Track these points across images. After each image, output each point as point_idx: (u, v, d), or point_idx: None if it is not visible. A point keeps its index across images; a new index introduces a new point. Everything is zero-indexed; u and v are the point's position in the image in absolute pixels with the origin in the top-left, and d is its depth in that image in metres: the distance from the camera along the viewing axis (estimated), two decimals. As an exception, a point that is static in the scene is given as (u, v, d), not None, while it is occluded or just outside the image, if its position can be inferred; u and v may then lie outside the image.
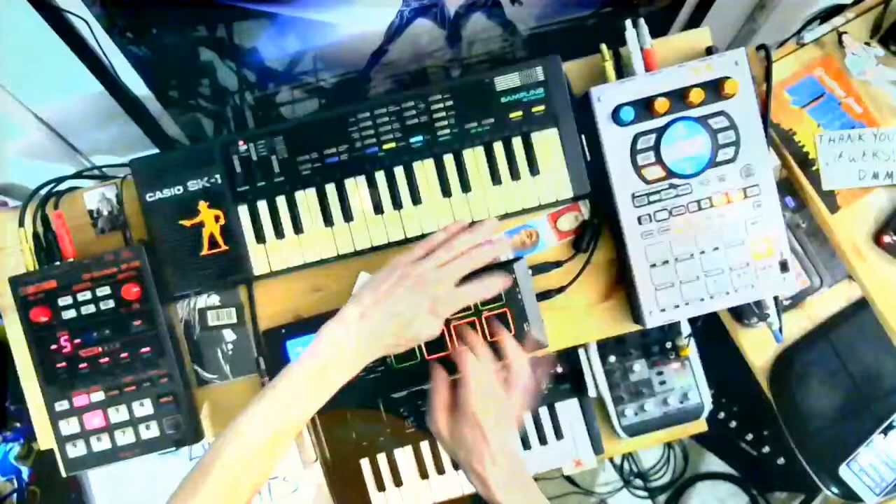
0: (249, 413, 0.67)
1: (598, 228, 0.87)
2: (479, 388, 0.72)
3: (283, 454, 0.70)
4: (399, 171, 0.84)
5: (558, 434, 1.07)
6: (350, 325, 0.70)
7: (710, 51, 0.85)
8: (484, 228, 0.76)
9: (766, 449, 1.45)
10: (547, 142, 0.84)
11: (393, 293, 0.70)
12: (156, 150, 1.11)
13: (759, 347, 1.11)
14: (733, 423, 1.46)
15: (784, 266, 0.82)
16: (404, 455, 1.05)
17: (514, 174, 0.84)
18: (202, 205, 0.83)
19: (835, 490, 1.09)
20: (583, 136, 0.84)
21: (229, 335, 0.88)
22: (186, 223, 0.83)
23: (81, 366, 0.81)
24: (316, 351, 0.69)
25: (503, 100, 0.83)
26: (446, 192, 0.84)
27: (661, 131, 0.81)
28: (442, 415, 0.73)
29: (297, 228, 0.84)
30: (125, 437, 0.82)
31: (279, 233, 0.84)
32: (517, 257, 0.81)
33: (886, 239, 0.85)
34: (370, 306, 0.70)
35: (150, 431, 0.82)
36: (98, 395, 0.81)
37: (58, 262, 0.82)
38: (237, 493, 0.65)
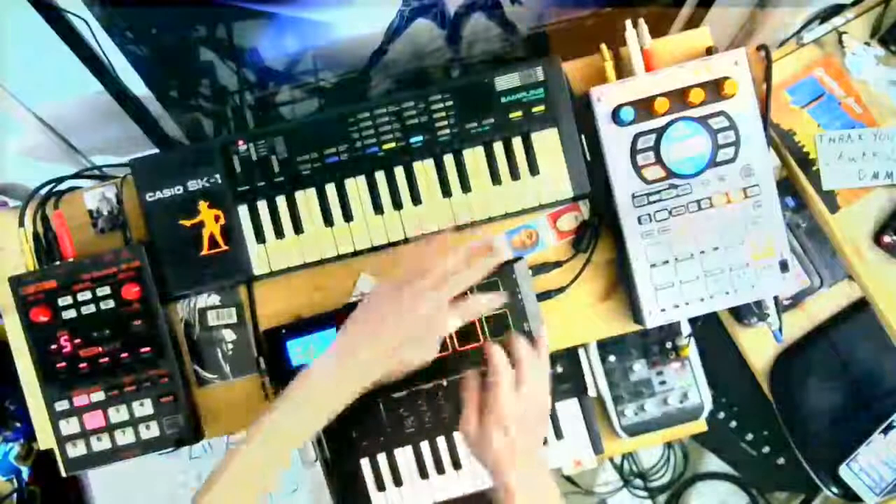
0: (252, 444, 0.66)
1: (598, 228, 0.87)
2: (507, 392, 0.70)
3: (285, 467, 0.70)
4: (399, 171, 0.84)
5: (558, 434, 1.07)
6: (341, 361, 0.68)
7: (710, 51, 0.85)
8: (473, 247, 0.73)
9: (766, 449, 1.45)
10: (547, 142, 0.84)
11: (383, 324, 0.68)
12: (156, 150, 1.11)
13: (759, 347, 1.11)
14: (733, 423, 1.45)
15: (784, 266, 0.81)
16: (404, 455, 1.05)
17: (514, 174, 0.84)
18: (202, 205, 0.83)
19: (835, 490, 1.09)
20: (583, 136, 0.84)
21: (229, 335, 0.88)
22: (186, 223, 0.83)
23: (81, 366, 0.81)
24: (303, 389, 0.68)
25: (503, 100, 0.83)
26: (446, 192, 0.84)
27: (661, 131, 0.81)
28: (473, 418, 0.72)
29: (297, 228, 0.84)
30: (125, 437, 0.82)
31: (279, 233, 0.84)
32: (517, 257, 0.81)
33: (886, 239, 0.85)
34: (363, 339, 0.68)
35: (150, 431, 0.82)
36: (98, 395, 0.81)
37: (58, 262, 0.82)
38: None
